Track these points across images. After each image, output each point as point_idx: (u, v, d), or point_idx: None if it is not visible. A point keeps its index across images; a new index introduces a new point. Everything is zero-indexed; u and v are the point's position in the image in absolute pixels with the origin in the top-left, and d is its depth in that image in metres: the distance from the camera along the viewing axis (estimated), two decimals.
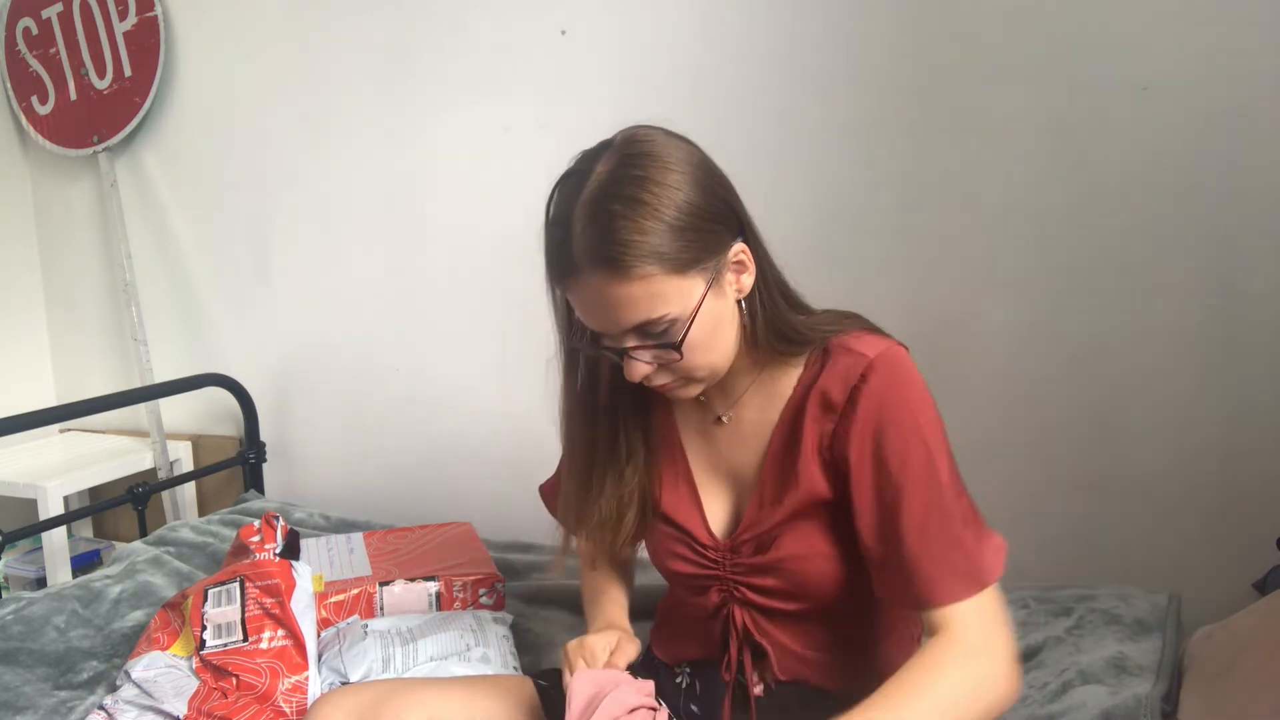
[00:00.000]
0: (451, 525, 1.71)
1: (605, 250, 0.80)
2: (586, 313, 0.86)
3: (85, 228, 2.44)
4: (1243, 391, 1.45)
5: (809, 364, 0.93)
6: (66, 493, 2.13)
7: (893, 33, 1.58)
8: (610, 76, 1.79)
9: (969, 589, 0.84)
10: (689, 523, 0.99)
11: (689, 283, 0.83)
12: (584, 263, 0.82)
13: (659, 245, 0.80)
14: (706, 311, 0.85)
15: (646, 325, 0.84)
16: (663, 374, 0.88)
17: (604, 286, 0.82)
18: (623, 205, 0.80)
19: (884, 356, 0.89)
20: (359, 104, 2.06)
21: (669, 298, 0.82)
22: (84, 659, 1.37)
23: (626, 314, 0.83)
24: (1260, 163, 1.40)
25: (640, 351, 0.86)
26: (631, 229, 0.79)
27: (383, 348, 2.12)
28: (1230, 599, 1.25)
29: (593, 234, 0.81)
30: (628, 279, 0.80)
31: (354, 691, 1.01)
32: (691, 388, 0.91)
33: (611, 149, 0.85)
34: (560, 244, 0.84)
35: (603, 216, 0.80)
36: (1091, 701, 1.08)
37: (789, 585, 0.94)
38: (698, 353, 0.86)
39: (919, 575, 0.85)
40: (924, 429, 0.87)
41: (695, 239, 0.82)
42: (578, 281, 0.83)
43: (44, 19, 2.32)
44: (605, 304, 0.83)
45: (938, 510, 0.85)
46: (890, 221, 1.62)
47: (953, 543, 0.85)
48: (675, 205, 0.81)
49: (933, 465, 0.86)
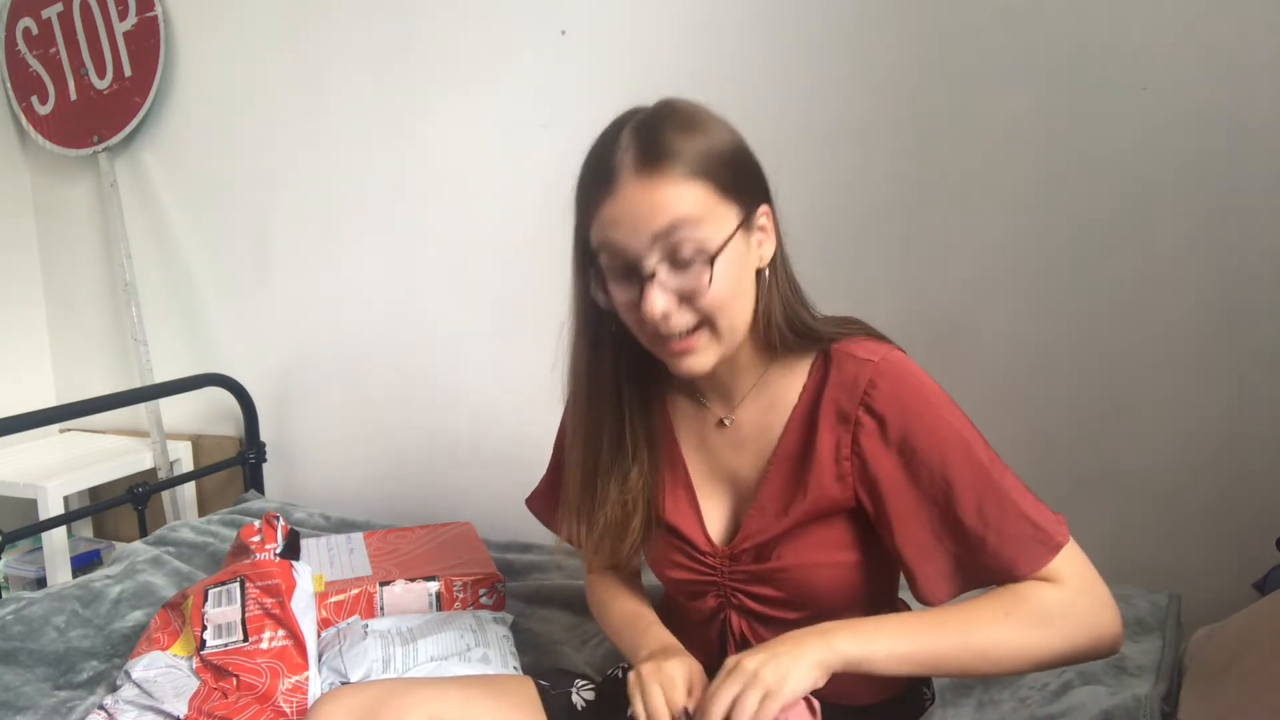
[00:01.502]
0: (451, 525, 1.71)
1: (651, 152, 0.82)
2: (618, 226, 0.84)
3: (85, 228, 2.44)
4: (1243, 392, 1.45)
5: (812, 370, 0.93)
6: (66, 493, 2.13)
7: (893, 32, 1.58)
8: (610, 76, 1.80)
9: (1047, 554, 0.84)
10: (688, 529, 0.99)
11: (725, 209, 0.84)
12: (627, 167, 0.83)
13: (704, 159, 0.83)
14: (735, 249, 0.85)
15: (678, 232, 0.82)
16: (684, 313, 0.85)
17: (645, 188, 0.82)
18: (675, 121, 0.84)
19: (887, 361, 0.89)
20: (359, 104, 2.06)
21: (706, 212, 0.83)
22: (84, 659, 1.37)
23: (662, 214, 0.82)
24: (1261, 161, 1.40)
25: (665, 276, 0.84)
26: (680, 140, 0.83)
27: (383, 348, 2.12)
28: (1230, 599, 1.25)
29: (641, 142, 0.83)
30: (671, 179, 0.82)
31: (355, 691, 1.01)
32: (709, 349, 0.87)
33: (656, 102, 0.89)
34: (603, 157, 0.85)
35: (653, 127, 0.84)
36: (1091, 702, 1.08)
37: (788, 594, 0.94)
38: (723, 291, 0.84)
39: (995, 558, 0.85)
40: (949, 420, 0.87)
41: (735, 168, 0.86)
42: (617, 188, 0.83)
43: (44, 19, 2.32)
44: (641, 207, 0.82)
45: (991, 490, 0.85)
46: (890, 221, 1.62)
47: (1014, 516, 0.84)
48: (721, 137, 0.86)
49: (970, 452, 0.86)
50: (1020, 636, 0.82)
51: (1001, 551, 0.84)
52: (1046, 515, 0.86)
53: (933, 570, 0.87)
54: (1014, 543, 0.84)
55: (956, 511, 0.85)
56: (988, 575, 0.86)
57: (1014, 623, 0.82)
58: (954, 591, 0.88)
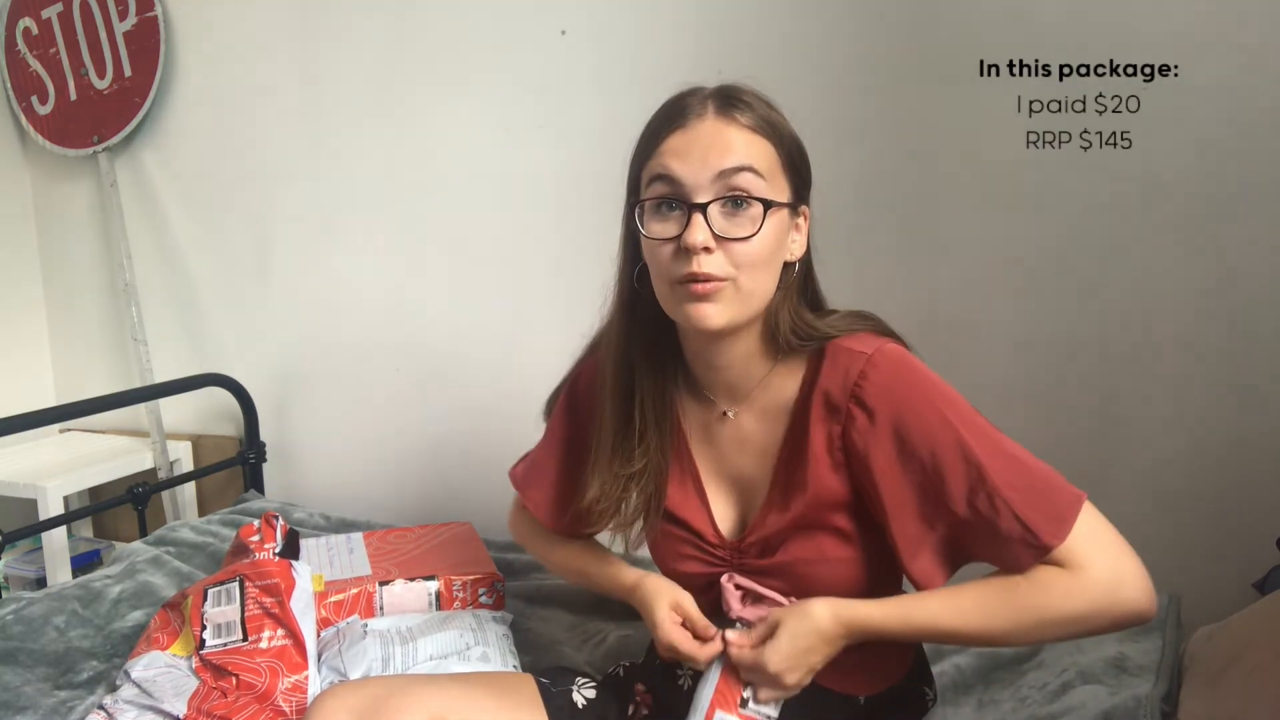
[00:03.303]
0: (451, 525, 1.71)
1: (733, 100, 0.89)
2: (684, 154, 0.87)
3: (85, 228, 2.44)
4: (1243, 391, 1.45)
5: (809, 366, 0.94)
6: (66, 493, 2.13)
7: (893, 32, 1.58)
8: (610, 76, 1.80)
9: (1034, 556, 0.84)
10: (697, 522, 1.00)
11: (782, 182, 0.90)
12: (709, 107, 0.88)
13: (776, 128, 0.90)
14: (780, 222, 0.89)
15: (741, 174, 0.86)
16: (716, 260, 0.86)
17: (720, 127, 0.87)
18: (755, 92, 0.92)
19: (880, 352, 0.89)
20: (358, 104, 2.05)
21: (769, 171, 0.88)
22: (84, 659, 1.37)
23: (733, 154, 0.86)
24: (1263, 162, 1.40)
25: (715, 214, 0.86)
26: (760, 105, 0.90)
27: (383, 348, 2.12)
28: (1230, 599, 1.25)
29: (723, 93, 0.90)
30: (747, 126, 0.88)
31: (355, 688, 1.01)
32: (727, 304, 0.87)
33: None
34: (682, 100, 0.90)
35: (735, 88, 0.91)
36: (1091, 702, 1.08)
37: (794, 588, 0.94)
38: (760, 251, 0.87)
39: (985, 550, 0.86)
40: (942, 409, 0.87)
41: (798, 159, 0.92)
42: (693, 122, 0.88)
43: (44, 19, 2.32)
44: (713, 141, 0.86)
45: (983, 484, 0.84)
46: (890, 221, 1.62)
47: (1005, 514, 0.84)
48: (790, 127, 0.93)
49: (962, 442, 0.85)
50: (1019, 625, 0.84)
51: (990, 546, 0.85)
52: (1045, 511, 0.84)
53: (926, 557, 0.88)
54: (1002, 541, 0.84)
55: (947, 501, 0.86)
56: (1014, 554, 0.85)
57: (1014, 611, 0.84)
58: (947, 576, 0.89)
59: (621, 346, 0.99)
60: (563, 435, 1.12)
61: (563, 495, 1.10)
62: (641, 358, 0.98)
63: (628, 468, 0.99)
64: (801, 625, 0.87)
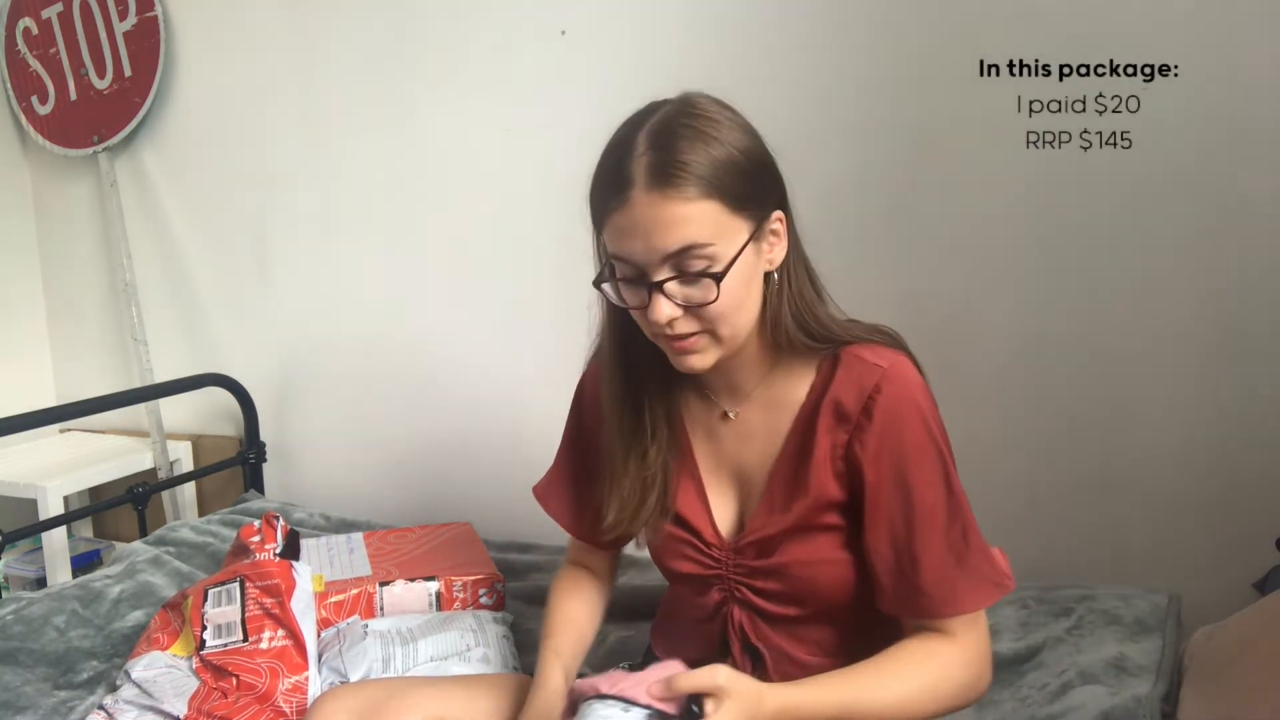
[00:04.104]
0: (451, 525, 1.71)
1: (665, 167, 0.82)
2: (629, 238, 0.85)
3: (85, 228, 2.44)
4: (1243, 391, 1.45)
5: (820, 370, 0.93)
6: (66, 493, 2.13)
7: (893, 32, 1.58)
8: (610, 76, 1.79)
9: (994, 594, 0.89)
10: (696, 520, 1.00)
11: (736, 223, 0.85)
12: (640, 180, 0.82)
13: (718, 174, 0.83)
14: (744, 262, 0.86)
15: (688, 253, 0.83)
16: (688, 321, 0.87)
17: (657, 203, 0.82)
18: (689, 131, 0.83)
19: (896, 368, 0.89)
20: (358, 104, 2.05)
21: (716, 229, 0.83)
22: (84, 659, 1.37)
23: (674, 235, 0.82)
24: (1263, 163, 1.40)
25: (673, 288, 0.85)
26: (695, 151, 0.82)
27: (383, 348, 2.12)
28: (1230, 599, 1.25)
29: (655, 153, 0.83)
30: (683, 198, 0.81)
31: (355, 690, 1.01)
32: (709, 351, 0.89)
33: (674, 100, 0.88)
34: (618, 164, 0.84)
35: (667, 137, 0.83)
36: (1091, 702, 1.08)
37: (791, 590, 0.94)
38: (728, 303, 0.86)
39: (945, 585, 0.88)
40: (939, 445, 0.89)
41: (749, 182, 0.85)
42: (630, 200, 0.83)
43: (44, 19, 2.32)
44: (653, 225, 0.82)
45: (957, 525, 0.88)
46: (890, 221, 1.62)
47: (977, 551, 0.88)
48: (737, 145, 0.85)
49: (950, 480, 0.88)
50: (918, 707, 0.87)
51: (950, 584, 0.88)
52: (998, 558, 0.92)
53: (886, 582, 0.90)
54: (969, 579, 0.88)
55: (915, 536, 0.88)
56: (916, 604, 0.89)
57: (922, 696, 0.87)
58: (905, 610, 0.91)
59: (617, 356, 0.99)
60: (572, 440, 1.12)
61: (580, 500, 1.10)
62: (643, 360, 0.97)
63: (644, 470, 0.99)
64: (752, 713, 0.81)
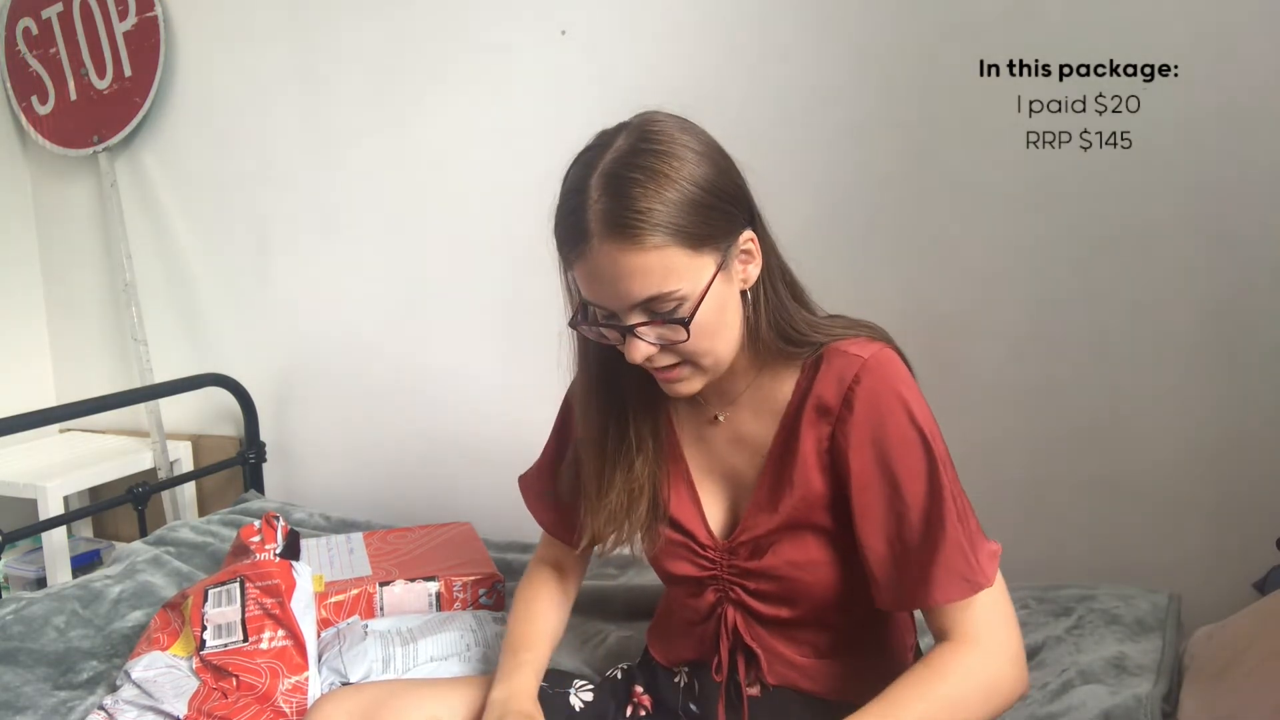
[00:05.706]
0: (451, 525, 1.71)
1: (621, 217, 0.79)
2: (595, 286, 0.84)
3: (85, 228, 2.44)
4: (1243, 391, 1.45)
5: (805, 370, 0.93)
6: (66, 493, 2.13)
7: (893, 32, 1.58)
8: (610, 76, 1.79)
9: (965, 590, 0.85)
10: (690, 523, 1.00)
11: (700, 260, 0.83)
12: (597, 230, 0.81)
13: (675, 217, 0.80)
14: (714, 294, 0.85)
15: (655, 300, 0.82)
16: (666, 355, 0.87)
17: (616, 255, 0.80)
18: (641, 174, 0.80)
19: (876, 358, 0.89)
20: (359, 104, 2.05)
21: (680, 273, 0.82)
22: (84, 659, 1.37)
23: (637, 286, 0.81)
24: (1263, 164, 1.40)
25: (646, 330, 0.85)
26: (649, 197, 0.79)
27: (383, 348, 2.12)
28: (1230, 599, 1.25)
29: (608, 201, 0.80)
30: (642, 248, 0.80)
31: (354, 692, 1.01)
32: (694, 379, 0.90)
33: (629, 128, 0.85)
34: (574, 212, 0.83)
35: (620, 184, 0.80)
36: (1091, 701, 1.08)
37: (783, 590, 0.94)
38: (703, 336, 0.85)
39: (918, 576, 0.86)
40: (924, 431, 0.87)
41: (710, 216, 0.82)
42: (589, 250, 0.82)
43: (44, 19, 2.32)
44: (616, 275, 0.81)
45: (939, 512, 0.86)
46: (890, 221, 1.62)
47: (952, 544, 0.85)
48: (693, 180, 0.81)
49: (935, 469, 0.87)
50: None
51: (926, 573, 0.85)
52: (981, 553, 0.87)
53: (879, 574, 0.89)
54: (941, 570, 0.85)
55: (905, 524, 0.87)
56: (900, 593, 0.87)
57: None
58: (890, 603, 0.89)
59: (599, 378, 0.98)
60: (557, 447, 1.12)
61: (561, 505, 1.10)
62: (627, 375, 0.96)
63: (631, 481, 0.98)
64: None
